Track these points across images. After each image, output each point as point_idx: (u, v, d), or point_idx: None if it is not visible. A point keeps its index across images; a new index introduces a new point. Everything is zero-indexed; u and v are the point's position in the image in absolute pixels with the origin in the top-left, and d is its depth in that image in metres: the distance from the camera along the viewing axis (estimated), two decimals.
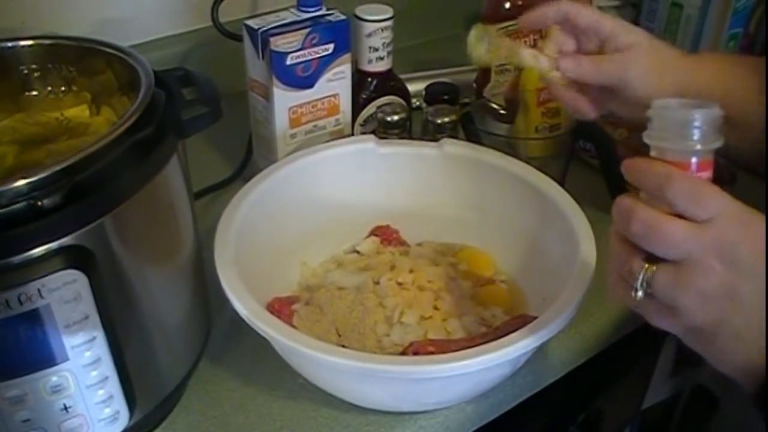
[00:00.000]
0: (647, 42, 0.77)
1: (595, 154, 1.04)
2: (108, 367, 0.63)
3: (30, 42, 0.75)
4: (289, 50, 0.93)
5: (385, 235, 0.92)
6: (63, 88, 0.76)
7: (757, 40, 1.30)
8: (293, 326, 0.77)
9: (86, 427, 0.64)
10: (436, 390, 0.72)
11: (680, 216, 0.52)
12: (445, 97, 1.10)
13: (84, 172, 0.56)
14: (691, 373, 1.25)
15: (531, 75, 1.09)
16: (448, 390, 0.72)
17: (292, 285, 0.87)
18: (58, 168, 0.55)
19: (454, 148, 0.91)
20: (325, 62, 0.97)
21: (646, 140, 0.55)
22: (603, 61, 0.78)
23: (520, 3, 1.09)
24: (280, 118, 0.98)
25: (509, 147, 0.94)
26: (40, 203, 0.54)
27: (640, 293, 0.53)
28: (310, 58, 0.96)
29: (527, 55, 0.80)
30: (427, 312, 0.79)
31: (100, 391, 0.63)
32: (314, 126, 1.02)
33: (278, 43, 0.92)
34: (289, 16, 0.95)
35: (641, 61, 0.76)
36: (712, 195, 0.51)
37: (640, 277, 0.53)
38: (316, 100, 0.99)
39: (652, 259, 0.53)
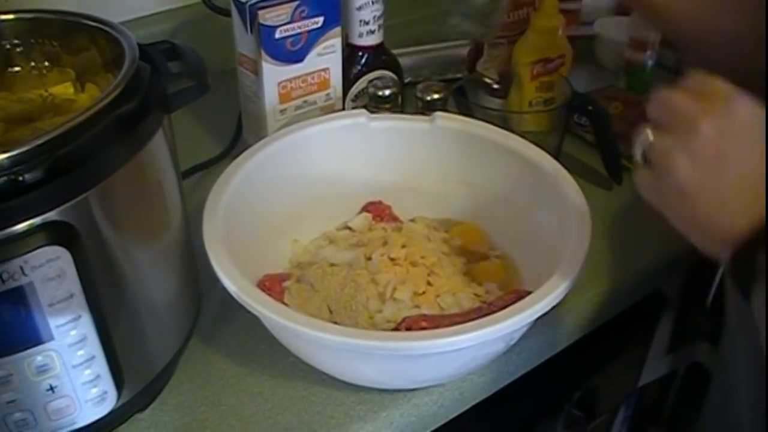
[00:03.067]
0: None
1: (590, 129, 1.03)
2: (94, 347, 0.62)
3: (11, 16, 0.73)
4: (277, 23, 0.92)
5: (377, 211, 0.91)
6: (47, 64, 0.75)
7: None
8: (285, 304, 0.76)
9: (73, 407, 0.63)
10: (429, 366, 0.71)
11: None
12: None
13: (66, 147, 0.55)
14: (687, 351, 1.24)
15: (524, 48, 1.08)
16: (441, 367, 0.72)
17: (283, 263, 0.86)
18: (39, 142, 0.54)
19: (446, 121, 0.89)
20: (315, 36, 0.96)
21: None
22: None
23: None
24: (270, 94, 0.97)
25: (503, 121, 0.93)
26: (21, 178, 0.53)
27: (638, 155, 0.60)
28: (299, 31, 0.94)
29: None
30: (420, 288, 0.78)
31: (87, 371, 0.62)
32: (304, 101, 1.00)
33: (267, 17, 0.91)
34: None
35: None
36: (713, 80, 0.57)
37: (639, 138, 0.60)
38: (306, 74, 0.98)
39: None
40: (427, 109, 0.99)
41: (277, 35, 0.93)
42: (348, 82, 1.04)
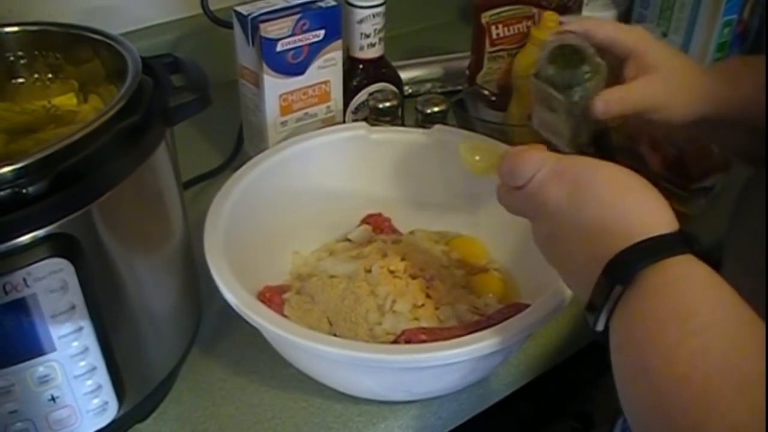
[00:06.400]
0: (667, 63, 0.77)
1: None
2: (96, 358, 0.62)
3: (16, 29, 0.74)
4: (279, 36, 0.92)
5: (377, 223, 0.91)
6: (50, 76, 0.76)
7: (751, 27, 1.29)
8: (284, 315, 0.76)
9: (74, 418, 0.63)
10: (428, 379, 0.71)
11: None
12: None
13: (69, 160, 0.56)
14: None
15: (524, 61, 1.09)
16: (440, 379, 0.72)
17: (283, 274, 0.87)
18: (42, 155, 0.54)
19: (446, 134, 0.90)
20: (316, 49, 0.96)
21: None
22: (628, 92, 0.77)
23: None
24: (271, 106, 0.97)
25: (502, 134, 0.93)
26: (25, 191, 0.53)
27: None
28: (300, 44, 0.95)
29: None
30: (419, 300, 0.78)
31: (88, 382, 0.63)
32: (305, 113, 1.01)
33: (268, 30, 0.91)
34: (279, 2, 0.94)
35: (662, 87, 0.77)
36: (525, 166, 0.61)
37: None
38: (307, 87, 0.99)
39: None
40: (427, 121, 0.99)
41: (279, 48, 0.93)
42: (348, 94, 1.05)
